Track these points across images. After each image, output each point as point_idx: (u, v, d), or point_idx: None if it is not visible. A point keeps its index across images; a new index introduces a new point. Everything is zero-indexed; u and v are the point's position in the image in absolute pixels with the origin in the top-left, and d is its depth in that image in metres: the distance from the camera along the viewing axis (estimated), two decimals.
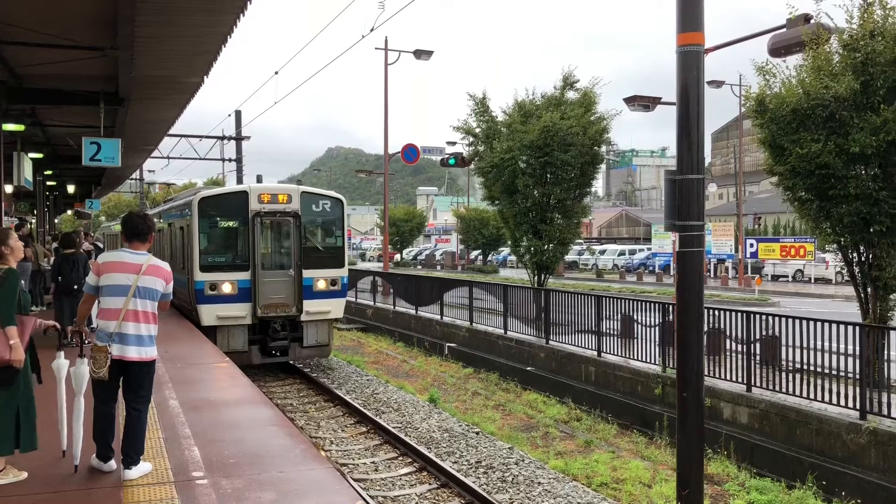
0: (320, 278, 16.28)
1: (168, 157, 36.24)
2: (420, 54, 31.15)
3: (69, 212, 50.73)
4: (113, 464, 6.03)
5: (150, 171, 54.49)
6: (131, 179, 48.73)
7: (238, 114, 35.24)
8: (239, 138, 35.31)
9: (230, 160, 36.47)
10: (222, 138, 35.48)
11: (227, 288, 15.51)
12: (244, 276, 15.63)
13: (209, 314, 15.42)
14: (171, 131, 21.56)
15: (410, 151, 33.48)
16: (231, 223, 16.04)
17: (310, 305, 16.10)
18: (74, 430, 6.02)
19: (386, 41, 32.35)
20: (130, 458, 6.01)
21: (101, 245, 28.45)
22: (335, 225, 16.99)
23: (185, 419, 8.00)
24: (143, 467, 6.12)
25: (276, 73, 25.10)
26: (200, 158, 36.64)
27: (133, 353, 5.86)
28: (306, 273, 16.05)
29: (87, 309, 6.18)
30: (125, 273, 5.91)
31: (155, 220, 21.95)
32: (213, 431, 7.61)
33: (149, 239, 6.16)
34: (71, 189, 33.03)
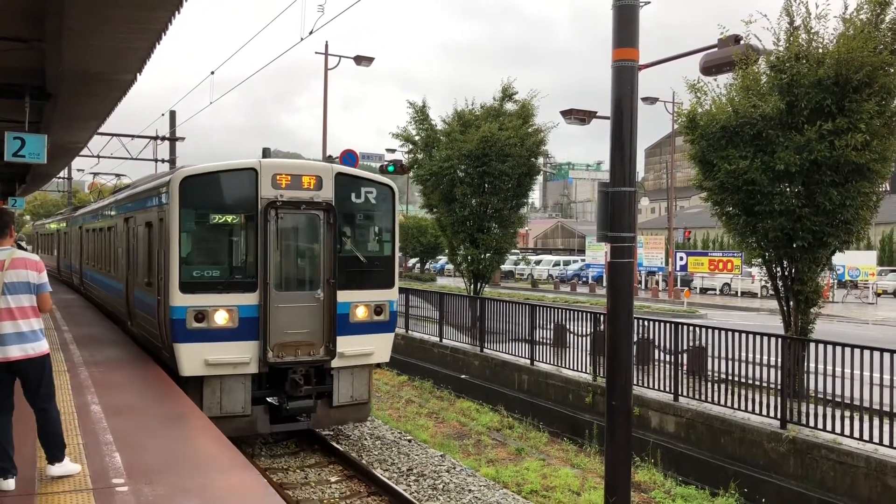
0: (360, 304, 11.31)
1: (98, 156, 35.13)
2: (360, 60, 31.04)
3: None
4: (12, 482, 5.73)
5: (79, 170, 52.81)
6: (59, 178, 47.15)
7: (172, 114, 34.43)
8: (173, 139, 34.52)
9: (163, 161, 35.61)
10: (156, 138, 34.63)
11: (221, 318, 10.36)
12: (248, 299, 10.50)
13: (193, 358, 10.23)
14: (101, 129, 20.93)
15: (349, 157, 33.19)
16: (230, 218, 10.76)
17: (345, 344, 11.05)
18: None
19: (326, 46, 32.14)
20: (52, 455, 5.91)
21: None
22: (383, 224, 11.95)
23: (108, 424, 7.75)
24: (67, 467, 5.99)
25: (213, 73, 24.68)
26: (132, 158, 35.64)
27: (16, 351, 5.64)
28: (342, 295, 11.08)
29: None
30: None
31: (104, 214, 17.80)
32: (137, 437, 7.39)
33: (9, 233, 5.92)
34: None
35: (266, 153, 11.52)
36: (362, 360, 11.40)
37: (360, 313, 11.33)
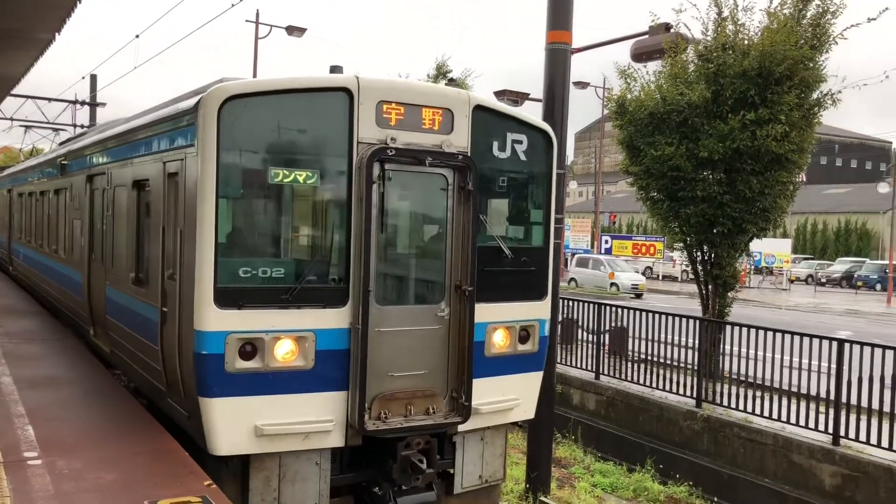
0: (500, 325, 6.96)
1: (11, 119, 33.57)
2: (292, 30, 30.42)
3: None
4: None
5: None
6: None
7: (94, 77, 33.16)
8: (94, 104, 33.26)
9: (82, 127, 34.30)
10: (75, 102, 33.27)
11: (283, 350, 5.99)
12: (333, 318, 6.16)
13: (234, 422, 5.85)
14: (15, 91, 19.98)
15: None
16: (303, 175, 6.12)
17: (479, 393, 6.68)
18: None
19: (257, 14, 31.37)
20: None
21: None
22: (536, 195, 7.43)
23: (20, 397, 7.48)
24: None
25: (138, 36, 23.77)
26: (50, 123, 34.20)
27: None
28: (480, 312, 6.66)
29: None
30: None
31: (49, 171, 13.25)
32: (53, 410, 7.16)
33: None
34: None
35: (336, 69, 6.81)
36: (499, 418, 7.05)
37: (499, 340, 6.98)
